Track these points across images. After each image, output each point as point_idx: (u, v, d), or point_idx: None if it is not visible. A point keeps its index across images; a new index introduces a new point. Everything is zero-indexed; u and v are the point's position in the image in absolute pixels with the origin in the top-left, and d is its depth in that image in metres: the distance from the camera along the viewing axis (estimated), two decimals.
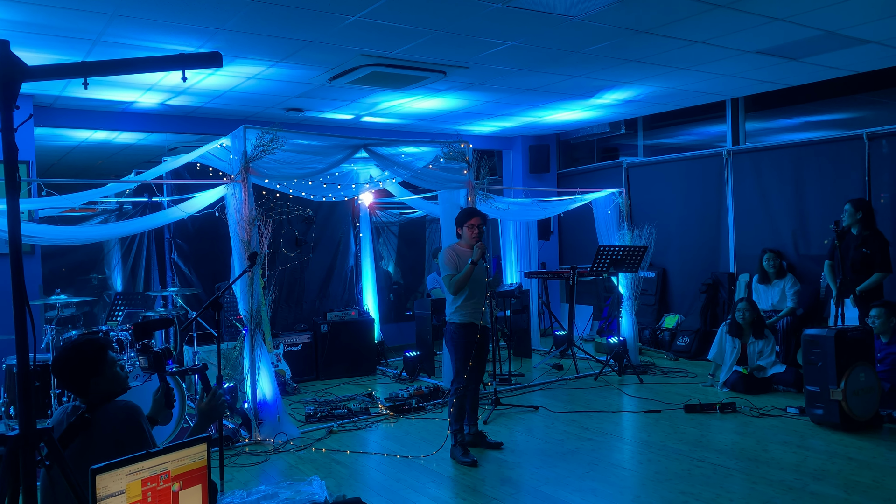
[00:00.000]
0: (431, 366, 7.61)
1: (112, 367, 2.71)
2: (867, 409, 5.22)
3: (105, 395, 2.66)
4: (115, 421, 2.57)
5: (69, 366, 2.63)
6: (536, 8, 4.60)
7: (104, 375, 2.67)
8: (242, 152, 5.30)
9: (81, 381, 2.62)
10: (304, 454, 5.06)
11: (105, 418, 2.57)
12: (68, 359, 2.63)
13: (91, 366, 2.65)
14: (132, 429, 2.56)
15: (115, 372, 2.72)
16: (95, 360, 2.65)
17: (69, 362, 2.63)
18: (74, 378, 2.62)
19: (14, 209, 1.88)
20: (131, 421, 2.60)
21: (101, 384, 2.66)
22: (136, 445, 2.39)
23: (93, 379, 2.64)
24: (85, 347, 2.70)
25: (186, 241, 7.60)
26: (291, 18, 4.66)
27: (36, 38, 4.86)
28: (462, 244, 5.00)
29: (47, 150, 9.14)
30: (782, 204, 7.69)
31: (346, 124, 8.67)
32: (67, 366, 2.63)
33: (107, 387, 2.68)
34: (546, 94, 7.38)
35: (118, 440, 2.51)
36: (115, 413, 2.60)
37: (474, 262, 4.81)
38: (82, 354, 2.66)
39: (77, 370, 2.62)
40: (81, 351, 2.67)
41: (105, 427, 2.54)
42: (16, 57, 1.87)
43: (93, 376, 2.64)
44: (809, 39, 5.50)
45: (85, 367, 2.64)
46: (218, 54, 2.05)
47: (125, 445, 2.43)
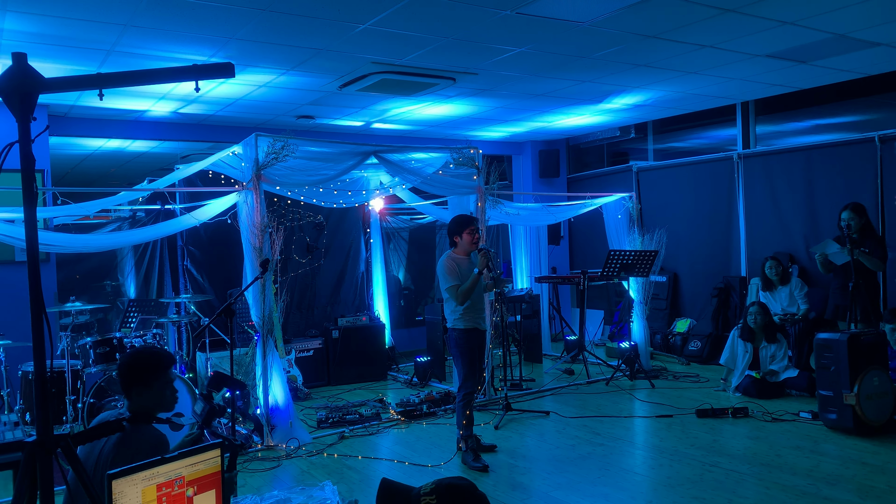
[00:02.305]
0: (442, 371, 7.62)
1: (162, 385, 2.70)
2: (881, 414, 5.18)
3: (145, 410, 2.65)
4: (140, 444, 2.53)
5: (123, 366, 2.68)
6: (545, 14, 4.62)
7: (150, 389, 2.67)
8: (254, 160, 5.34)
9: (127, 385, 2.65)
10: (316, 459, 5.08)
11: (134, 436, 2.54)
12: (126, 360, 2.68)
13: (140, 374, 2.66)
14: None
15: (162, 391, 2.71)
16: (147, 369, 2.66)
17: (125, 363, 2.68)
18: (123, 379, 2.66)
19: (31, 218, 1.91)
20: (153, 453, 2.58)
21: (143, 396, 2.66)
22: None
23: (137, 388, 2.66)
24: (144, 354, 2.73)
25: (199, 248, 7.65)
26: (302, 27, 4.70)
27: (51, 50, 4.94)
28: (458, 252, 4.96)
29: (61, 159, 9.25)
30: (793, 207, 7.65)
31: (356, 131, 8.71)
32: (122, 366, 2.68)
33: (149, 403, 2.67)
34: (555, 100, 7.39)
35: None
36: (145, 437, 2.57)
37: (480, 272, 4.80)
38: (138, 360, 2.69)
39: (128, 373, 2.66)
40: (140, 356, 2.70)
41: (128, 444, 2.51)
42: (33, 69, 1.91)
43: (138, 385, 2.65)
44: (819, 43, 5.49)
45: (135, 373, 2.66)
46: (230, 65, 2.08)
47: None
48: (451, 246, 5.01)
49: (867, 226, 6.05)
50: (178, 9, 4.25)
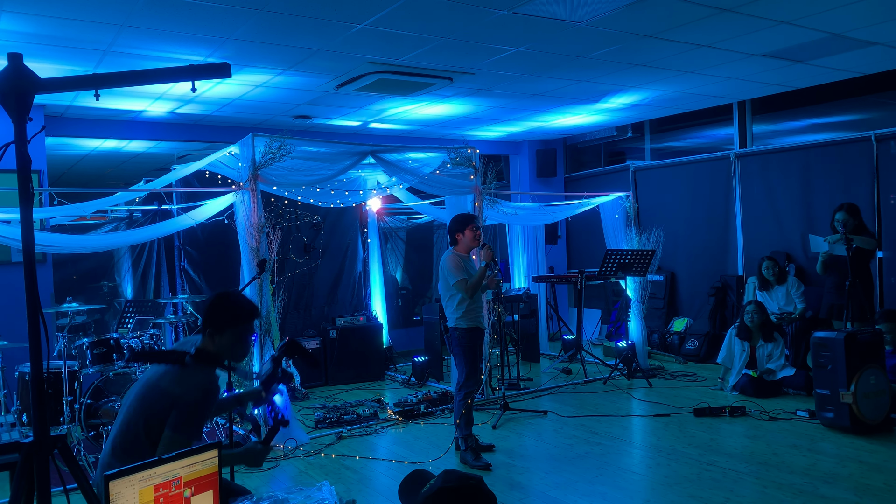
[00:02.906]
0: (440, 371, 7.62)
1: (234, 335, 2.69)
2: (878, 412, 5.20)
3: (209, 354, 2.65)
4: (190, 384, 2.56)
5: (206, 303, 2.70)
6: (542, 14, 4.62)
7: (221, 335, 2.67)
8: (251, 160, 5.34)
9: (203, 323, 2.67)
10: (313, 460, 5.08)
11: (190, 374, 2.57)
12: (211, 298, 2.71)
13: (216, 317, 2.67)
14: (184, 406, 2.52)
15: (230, 343, 2.70)
16: (223, 315, 2.67)
17: (209, 301, 2.70)
18: (205, 313, 2.68)
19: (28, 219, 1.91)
20: (200, 397, 2.56)
21: (213, 339, 2.67)
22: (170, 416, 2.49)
23: (210, 329, 2.67)
24: (226, 299, 2.73)
25: (196, 248, 7.64)
26: (299, 27, 4.70)
27: (47, 50, 4.92)
28: (460, 250, 4.98)
29: (58, 159, 9.23)
30: (790, 206, 7.67)
31: (353, 131, 8.71)
32: (206, 302, 2.71)
33: (216, 348, 2.68)
34: (552, 99, 7.39)
35: (169, 401, 2.52)
36: (198, 379, 2.59)
37: (487, 265, 4.87)
38: (219, 302, 2.70)
39: (207, 311, 2.68)
40: (221, 300, 2.71)
41: (182, 381, 2.55)
42: (29, 70, 1.91)
43: (212, 326, 2.66)
44: (815, 42, 5.50)
45: (212, 313, 2.67)
46: (227, 65, 2.08)
47: (162, 411, 2.51)
48: (453, 244, 5.02)
49: (861, 226, 6.07)
50: (175, 9, 4.24)
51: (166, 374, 2.61)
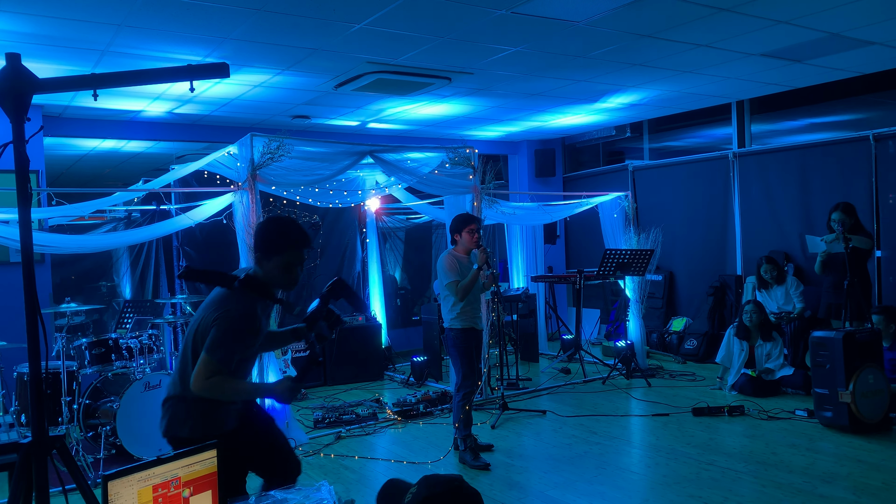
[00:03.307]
0: (439, 371, 7.62)
1: (280, 263, 2.63)
2: (876, 412, 5.20)
3: (256, 281, 2.61)
4: (231, 309, 2.54)
5: (260, 226, 2.67)
6: (540, 14, 4.62)
7: (268, 261, 2.63)
8: (249, 160, 5.33)
9: (254, 243, 2.65)
10: (312, 460, 5.08)
11: (233, 298, 2.57)
12: (261, 222, 2.67)
13: (263, 242, 2.63)
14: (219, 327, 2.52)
15: (277, 271, 2.64)
16: (270, 241, 2.62)
17: (262, 224, 2.66)
18: (254, 238, 2.67)
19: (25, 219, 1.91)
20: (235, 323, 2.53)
21: (260, 265, 2.64)
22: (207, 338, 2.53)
23: (258, 254, 2.64)
24: (274, 224, 2.66)
25: (195, 248, 7.64)
26: (297, 27, 4.69)
27: (45, 50, 4.92)
28: (459, 250, 4.98)
29: (56, 160, 9.22)
30: (789, 206, 7.68)
31: (351, 131, 8.71)
32: (260, 225, 2.68)
33: (264, 275, 2.63)
34: (551, 99, 7.39)
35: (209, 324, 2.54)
36: (238, 305, 2.56)
37: (480, 268, 4.83)
38: (267, 227, 2.65)
39: (255, 235, 2.66)
40: (269, 225, 2.66)
41: (224, 303, 2.56)
42: (27, 70, 1.90)
43: (259, 252, 2.63)
44: (814, 41, 5.50)
45: (259, 237, 2.63)
46: (225, 65, 2.08)
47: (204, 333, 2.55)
48: (452, 243, 5.03)
49: (857, 225, 6.08)
50: (173, 9, 4.24)
51: (214, 299, 2.62)
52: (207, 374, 2.51)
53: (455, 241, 5.00)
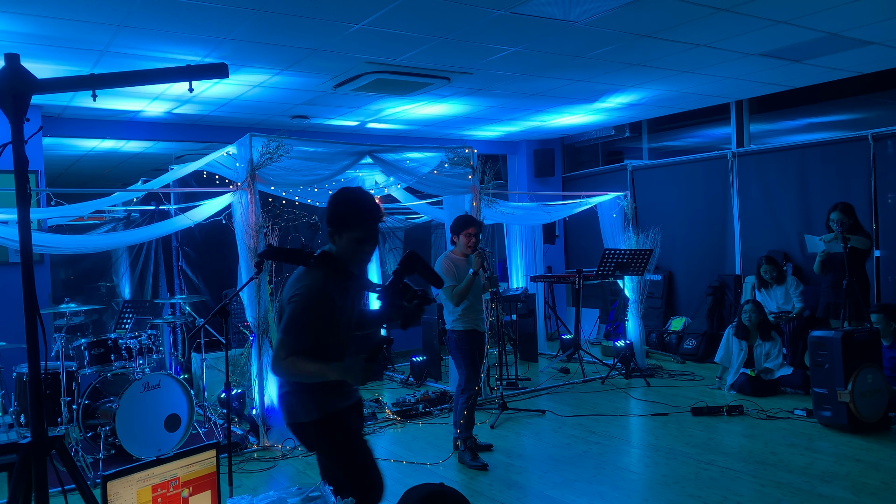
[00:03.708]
0: (438, 370, 7.62)
1: (349, 241, 2.50)
2: (875, 411, 5.21)
3: (329, 257, 2.50)
4: (301, 285, 2.46)
5: (330, 199, 2.53)
6: (539, 14, 4.63)
7: (340, 237, 2.51)
8: (249, 160, 5.34)
9: (326, 217, 2.52)
10: (311, 460, 5.07)
11: (306, 275, 2.49)
12: (336, 194, 2.52)
13: (333, 216, 2.50)
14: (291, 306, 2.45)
15: (347, 247, 2.51)
16: (340, 214, 2.49)
17: (333, 196, 2.52)
18: (327, 209, 2.52)
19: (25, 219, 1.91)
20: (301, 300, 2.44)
21: (332, 240, 2.53)
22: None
23: (329, 229, 2.52)
24: (344, 198, 2.51)
25: (194, 248, 7.64)
26: (296, 27, 4.69)
27: (44, 50, 4.92)
28: (457, 252, 4.94)
29: (55, 160, 9.22)
30: (788, 205, 7.68)
31: (350, 131, 8.71)
32: (331, 198, 2.54)
33: (334, 251, 2.52)
34: (550, 99, 7.40)
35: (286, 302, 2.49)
36: (307, 281, 2.46)
37: (475, 273, 4.78)
38: (336, 201, 2.51)
39: (329, 208, 2.51)
40: (339, 198, 2.52)
41: (299, 280, 2.50)
42: (26, 70, 1.90)
43: (333, 226, 2.50)
44: (812, 41, 5.51)
45: (330, 212, 2.49)
46: (224, 65, 2.08)
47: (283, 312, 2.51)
48: (452, 244, 5.01)
49: (856, 225, 6.09)
50: (172, 9, 4.24)
51: (292, 278, 2.56)
52: (282, 355, 2.44)
53: (454, 243, 4.99)
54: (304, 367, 2.46)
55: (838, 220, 5.97)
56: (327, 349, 2.49)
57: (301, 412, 2.60)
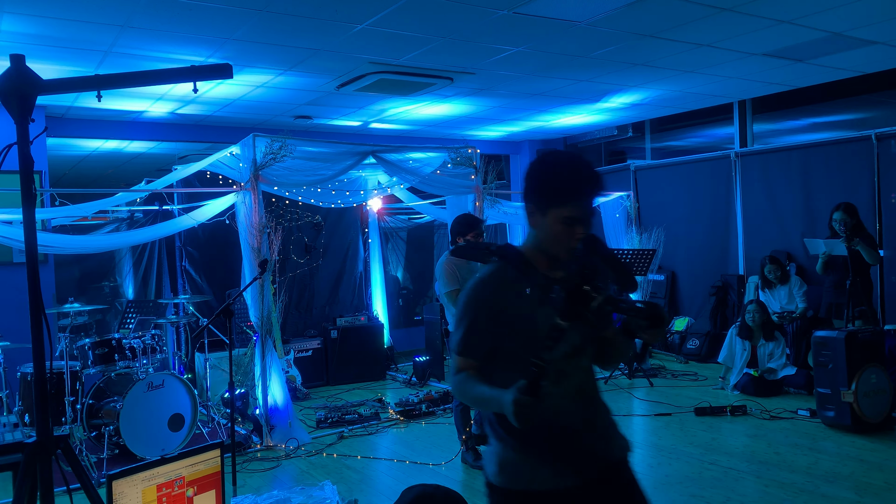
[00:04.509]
0: (441, 370, 7.63)
1: (557, 223, 1.89)
2: (879, 411, 5.20)
3: (510, 249, 2.02)
4: (477, 276, 2.02)
5: (537, 164, 1.99)
6: (542, 14, 4.63)
7: (543, 215, 1.93)
8: (252, 160, 5.35)
9: (524, 191, 2.00)
10: (315, 459, 5.09)
11: (485, 270, 2.01)
12: (532, 162, 1.99)
13: (532, 190, 1.95)
14: (457, 312, 2.01)
15: (547, 229, 1.92)
16: (539, 189, 1.93)
17: (530, 165, 1.99)
18: (525, 180, 2.00)
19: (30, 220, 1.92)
20: (461, 297, 2.01)
21: (532, 221, 1.98)
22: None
23: (532, 205, 1.98)
24: (551, 169, 1.94)
25: (197, 248, 7.65)
26: (300, 28, 4.70)
27: (49, 51, 4.93)
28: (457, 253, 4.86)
29: (59, 160, 9.24)
30: (791, 205, 7.67)
31: (353, 131, 8.72)
32: (537, 162, 2.00)
33: (531, 238, 2.00)
34: (553, 99, 7.39)
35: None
36: (473, 284, 2.00)
37: None
38: (541, 169, 1.95)
39: (534, 173, 1.96)
40: (546, 164, 1.95)
41: (478, 274, 2.05)
42: (31, 71, 1.91)
43: (534, 201, 1.95)
44: (816, 41, 5.50)
45: (540, 178, 1.94)
46: (228, 66, 2.09)
47: None
48: (452, 244, 4.94)
49: (859, 225, 6.08)
50: (176, 10, 4.25)
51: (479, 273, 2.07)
52: (454, 370, 1.99)
53: (456, 243, 4.89)
54: (468, 388, 1.90)
55: (841, 220, 5.96)
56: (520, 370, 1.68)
57: (489, 463, 1.98)
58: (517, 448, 1.89)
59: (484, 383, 1.85)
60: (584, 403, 1.96)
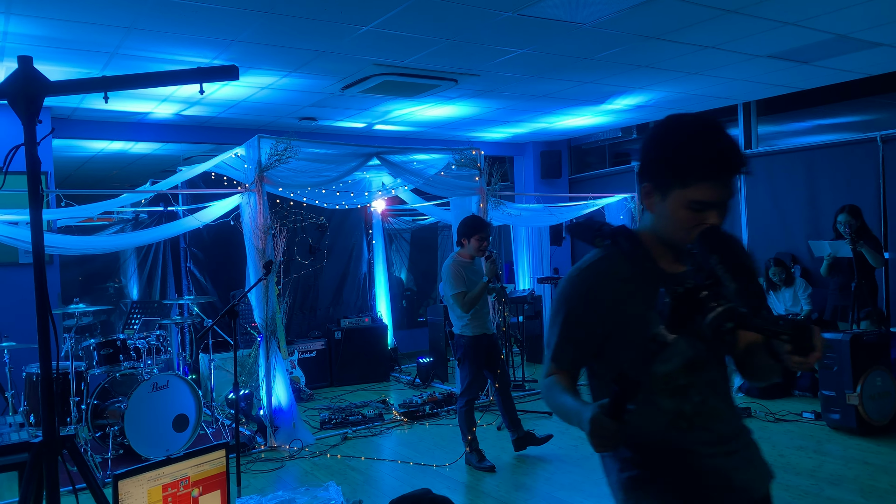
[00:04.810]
0: (445, 372, 7.63)
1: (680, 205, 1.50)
2: (884, 414, 5.18)
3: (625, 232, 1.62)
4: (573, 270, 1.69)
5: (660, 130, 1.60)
6: (547, 16, 4.63)
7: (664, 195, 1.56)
8: (257, 161, 5.36)
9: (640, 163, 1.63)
10: (319, 460, 5.09)
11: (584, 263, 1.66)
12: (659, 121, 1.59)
13: (665, 157, 1.51)
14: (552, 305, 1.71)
15: (682, 213, 1.54)
16: (683, 160, 1.49)
17: (661, 127, 1.59)
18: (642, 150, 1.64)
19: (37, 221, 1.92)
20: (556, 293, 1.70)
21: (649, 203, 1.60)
22: None
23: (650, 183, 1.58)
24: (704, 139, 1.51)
25: (202, 249, 7.67)
26: (304, 29, 4.71)
27: (55, 52, 4.95)
28: (464, 254, 4.84)
29: (64, 161, 9.27)
30: (796, 207, 7.65)
31: (358, 132, 8.73)
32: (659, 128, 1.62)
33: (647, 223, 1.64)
34: (557, 101, 7.39)
35: None
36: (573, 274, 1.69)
37: (489, 281, 4.68)
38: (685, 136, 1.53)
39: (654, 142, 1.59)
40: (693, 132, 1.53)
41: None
42: (38, 72, 1.92)
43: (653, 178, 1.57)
44: (821, 43, 5.49)
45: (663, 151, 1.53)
46: (235, 67, 2.09)
47: None
48: (458, 245, 4.95)
49: (863, 227, 6.07)
50: (182, 12, 4.26)
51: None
52: (543, 371, 1.71)
53: (461, 245, 4.90)
54: (552, 395, 1.63)
55: (846, 222, 5.95)
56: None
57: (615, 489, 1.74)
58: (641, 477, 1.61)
59: (571, 392, 1.58)
60: (709, 422, 1.59)
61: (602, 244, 1.65)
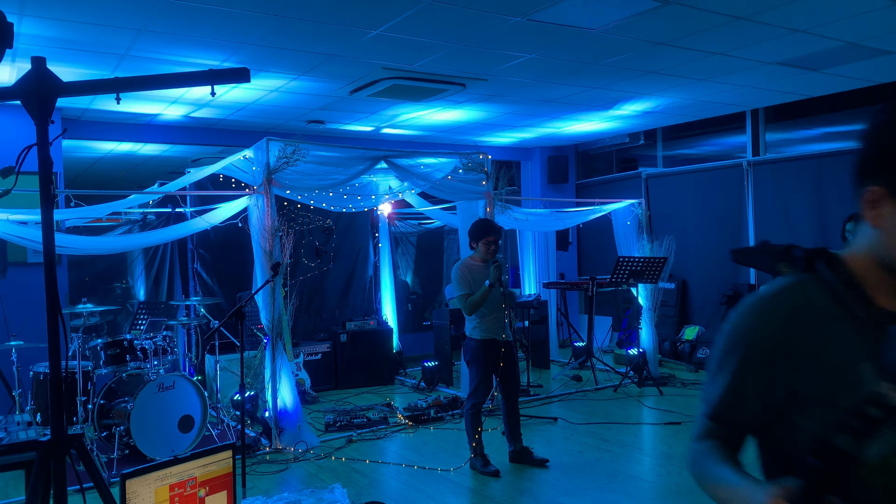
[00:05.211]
0: (450, 376, 7.62)
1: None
2: None
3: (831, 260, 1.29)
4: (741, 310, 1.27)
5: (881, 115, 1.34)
6: (556, 21, 4.64)
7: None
8: (265, 164, 5.38)
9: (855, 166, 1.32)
10: (323, 463, 5.09)
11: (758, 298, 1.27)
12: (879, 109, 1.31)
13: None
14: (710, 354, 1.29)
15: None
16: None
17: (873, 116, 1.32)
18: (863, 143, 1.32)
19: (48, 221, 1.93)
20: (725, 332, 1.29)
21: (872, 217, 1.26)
22: None
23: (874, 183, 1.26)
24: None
25: (209, 250, 7.70)
26: (314, 33, 4.73)
27: (67, 53, 4.99)
28: (476, 258, 4.92)
29: (73, 162, 9.32)
30: (804, 215, 7.63)
31: (366, 136, 8.75)
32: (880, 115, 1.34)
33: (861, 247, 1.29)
34: (565, 106, 7.40)
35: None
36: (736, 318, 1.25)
37: (492, 285, 4.70)
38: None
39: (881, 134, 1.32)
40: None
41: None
42: (52, 73, 1.93)
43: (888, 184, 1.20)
44: (830, 51, 5.48)
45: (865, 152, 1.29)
46: (246, 70, 2.10)
47: None
48: (470, 248, 5.00)
49: None
50: (192, 14, 4.29)
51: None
52: (694, 433, 1.35)
53: (473, 248, 4.96)
54: (708, 467, 1.29)
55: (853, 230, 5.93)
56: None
57: None
58: None
59: (730, 463, 1.22)
60: None
61: (791, 271, 1.27)
